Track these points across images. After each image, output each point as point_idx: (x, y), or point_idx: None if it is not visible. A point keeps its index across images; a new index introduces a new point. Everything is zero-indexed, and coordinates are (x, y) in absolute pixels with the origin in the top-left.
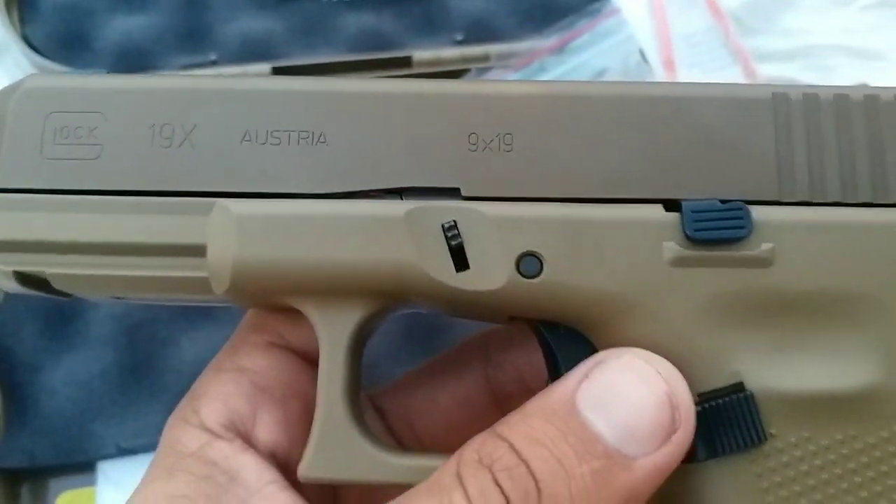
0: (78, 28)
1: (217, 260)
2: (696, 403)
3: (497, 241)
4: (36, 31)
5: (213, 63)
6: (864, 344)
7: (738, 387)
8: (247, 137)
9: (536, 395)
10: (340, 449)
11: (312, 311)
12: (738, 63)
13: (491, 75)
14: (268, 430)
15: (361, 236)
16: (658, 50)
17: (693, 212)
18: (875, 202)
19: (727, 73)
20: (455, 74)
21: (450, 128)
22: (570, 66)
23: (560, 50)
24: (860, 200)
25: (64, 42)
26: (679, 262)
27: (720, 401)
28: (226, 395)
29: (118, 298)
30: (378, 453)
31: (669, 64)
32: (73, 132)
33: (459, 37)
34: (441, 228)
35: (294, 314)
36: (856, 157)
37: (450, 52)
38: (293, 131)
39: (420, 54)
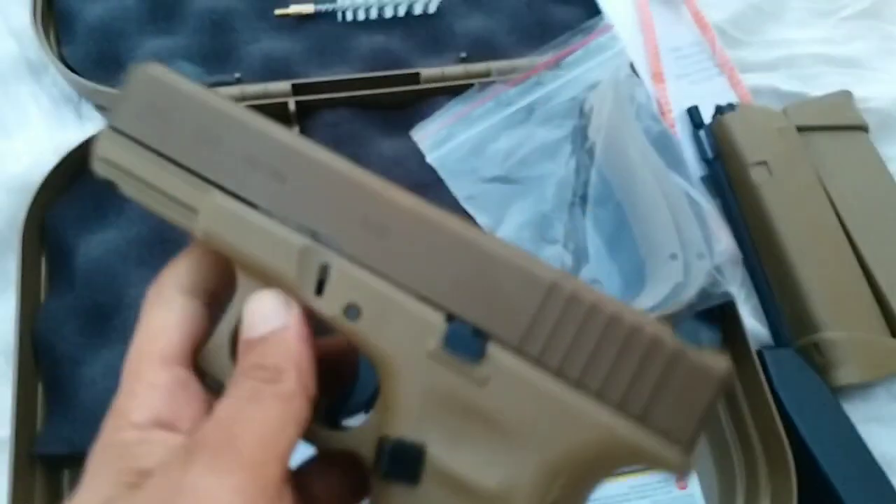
0: (111, 49)
1: (199, 222)
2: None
3: (340, 286)
4: (72, 51)
5: (238, 81)
6: (511, 467)
7: (421, 444)
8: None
9: None
10: None
11: (239, 274)
12: (723, 74)
13: (493, 89)
14: None
15: (273, 247)
16: (647, 63)
17: (452, 329)
18: (597, 397)
19: (713, 84)
20: (460, 89)
21: (352, 204)
22: (565, 80)
23: (556, 65)
24: (591, 390)
25: (98, 62)
26: (430, 356)
27: (404, 443)
28: None
29: None
30: None
31: (658, 76)
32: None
33: (463, 54)
34: (318, 265)
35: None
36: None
37: (454, 69)
38: (270, 169)
39: (427, 71)
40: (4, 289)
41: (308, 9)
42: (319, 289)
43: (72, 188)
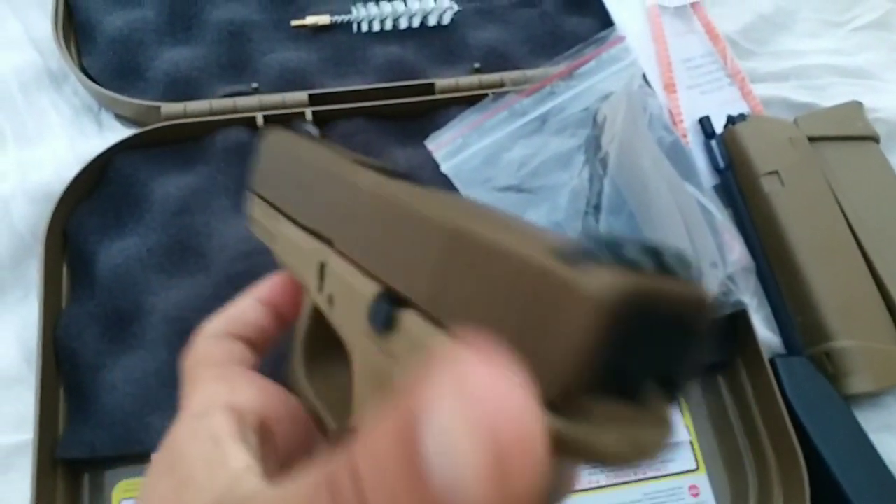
0: (130, 59)
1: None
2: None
3: (328, 278)
4: (92, 62)
5: (256, 91)
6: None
7: None
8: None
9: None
10: None
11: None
12: (734, 84)
13: (506, 99)
14: None
15: (298, 255)
16: (659, 73)
17: (374, 301)
18: None
19: (724, 94)
20: (474, 99)
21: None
22: (578, 91)
23: (569, 76)
24: None
25: (118, 72)
26: (364, 333)
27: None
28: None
29: None
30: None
31: (670, 86)
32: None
33: (477, 65)
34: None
35: None
36: None
37: (468, 80)
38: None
39: (442, 82)
40: (27, 295)
41: (324, 20)
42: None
43: (93, 196)
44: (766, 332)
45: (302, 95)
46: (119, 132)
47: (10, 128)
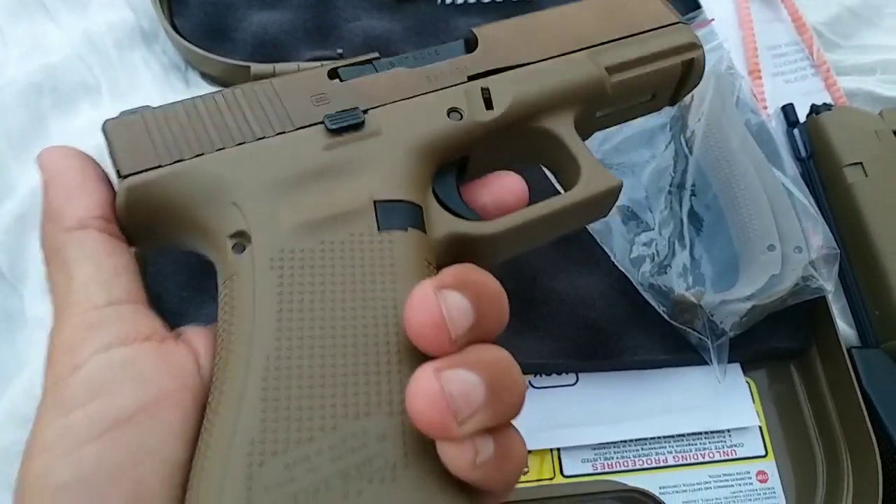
0: (220, 21)
1: None
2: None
3: None
4: (184, 22)
5: (340, 56)
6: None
7: None
8: None
9: None
10: None
11: None
12: (818, 74)
13: None
14: None
15: None
16: (745, 59)
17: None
18: None
19: (808, 84)
20: None
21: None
22: None
23: None
24: None
25: (207, 33)
26: None
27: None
28: None
29: None
30: None
31: (755, 72)
32: None
33: None
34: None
35: None
36: None
37: None
38: None
39: None
40: None
41: None
42: None
43: None
44: (841, 324)
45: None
46: (205, 89)
47: (105, 81)
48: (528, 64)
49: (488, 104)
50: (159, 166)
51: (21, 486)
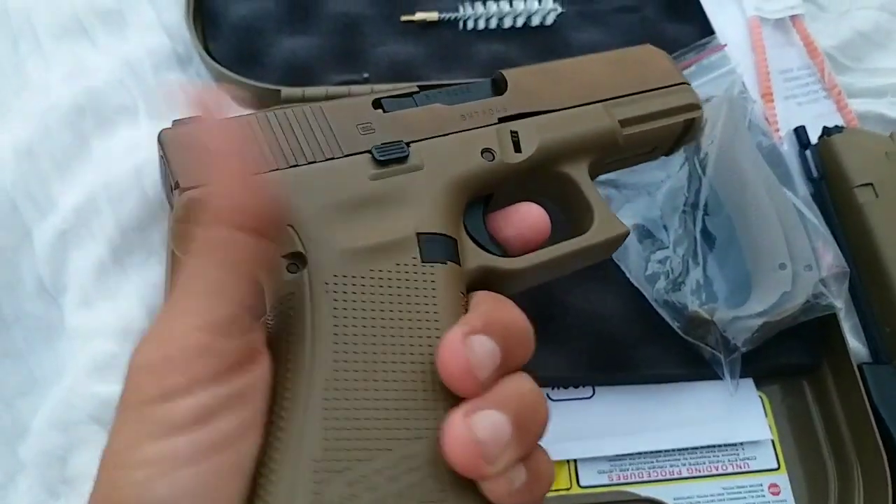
0: (251, 46)
1: None
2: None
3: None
4: (217, 47)
5: (366, 80)
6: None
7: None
8: None
9: None
10: None
11: None
12: (830, 97)
13: None
14: None
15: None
16: (757, 82)
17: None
18: None
19: (820, 107)
20: None
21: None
22: None
23: None
24: None
25: (239, 57)
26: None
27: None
28: None
29: None
30: None
31: (767, 96)
32: None
33: None
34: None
35: None
36: None
37: None
38: None
39: None
40: (149, 258)
41: (432, 16)
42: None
43: None
44: (852, 341)
45: (412, 86)
46: (237, 112)
47: (142, 103)
48: (553, 111)
49: (517, 147)
50: None
51: (107, 489)
